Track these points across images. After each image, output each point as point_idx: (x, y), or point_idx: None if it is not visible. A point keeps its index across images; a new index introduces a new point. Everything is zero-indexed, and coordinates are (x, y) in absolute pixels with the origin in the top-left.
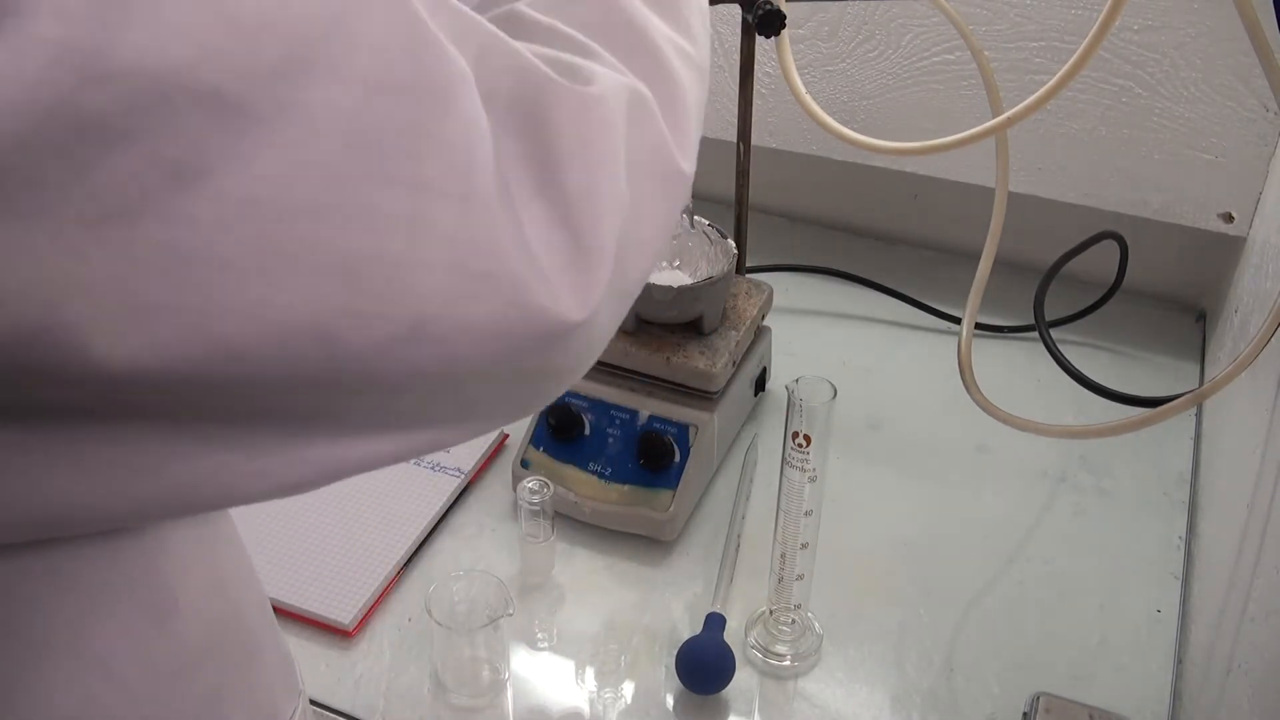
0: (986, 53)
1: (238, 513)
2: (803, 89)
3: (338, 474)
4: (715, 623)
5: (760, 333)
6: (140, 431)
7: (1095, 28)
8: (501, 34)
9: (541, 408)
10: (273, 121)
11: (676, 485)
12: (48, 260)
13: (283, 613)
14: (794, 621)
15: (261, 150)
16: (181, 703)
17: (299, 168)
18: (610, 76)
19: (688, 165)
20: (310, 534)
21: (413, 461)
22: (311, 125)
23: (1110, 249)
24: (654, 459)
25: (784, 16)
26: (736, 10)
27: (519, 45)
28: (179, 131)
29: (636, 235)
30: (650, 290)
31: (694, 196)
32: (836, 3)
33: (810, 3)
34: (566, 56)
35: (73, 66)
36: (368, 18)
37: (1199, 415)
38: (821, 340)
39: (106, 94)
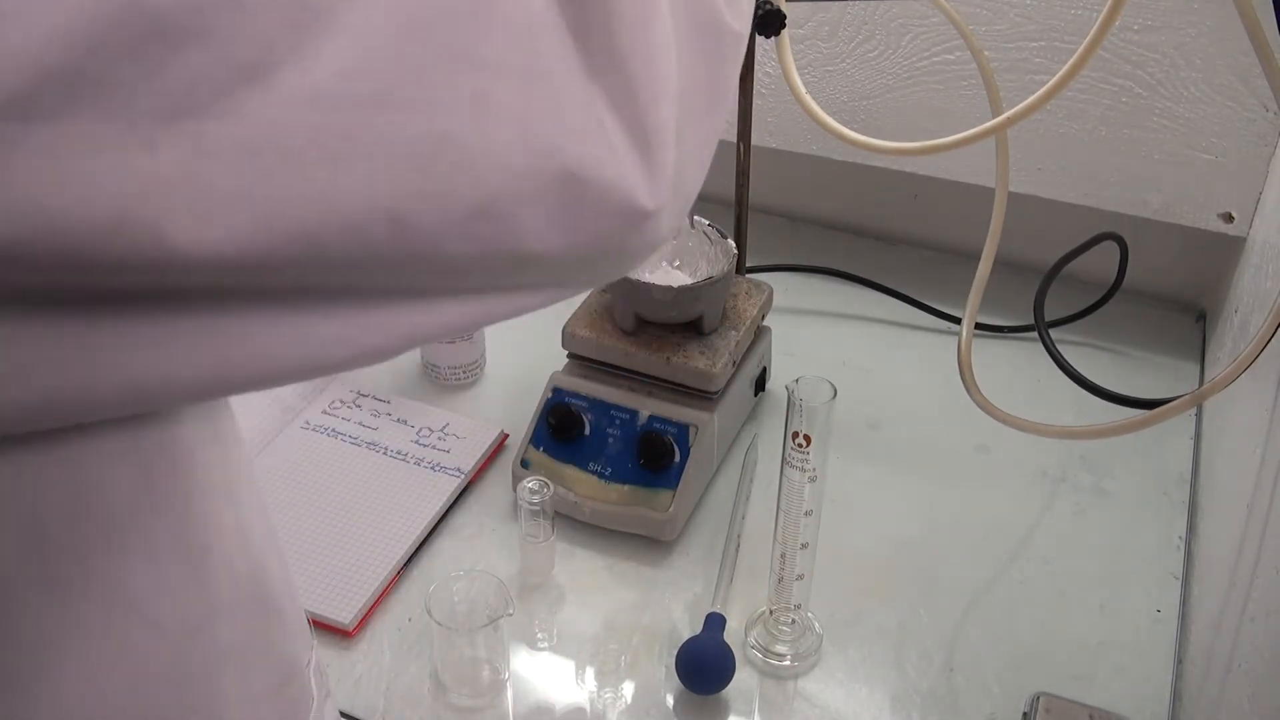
0: (986, 53)
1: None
2: (803, 89)
3: (416, 339)
4: (715, 623)
5: (760, 333)
6: (223, 307)
7: (1095, 28)
8: None
9: (616, 277)
10: (333, 14)
11: (676, 485)
12: (123, 156)
13: None
14: (794, 621)
15: (325, 43)
16: (211, 653)
17: (361, 57)
18: None
19: (740, 25)
20: (310, 533)
21: (413, 461)
22: (370, 15)
23: (1110, 249)
24: (654, 459)
25: (784, 16)
26: None
27: None
28: (245, 29)
29: (693, 105)
30: (650, 290)
31: None
32: (837, 3)
33: (810, 3)
34: None
35: None
36: None
37: (1199, 415)
38: (821, 340)
39: None
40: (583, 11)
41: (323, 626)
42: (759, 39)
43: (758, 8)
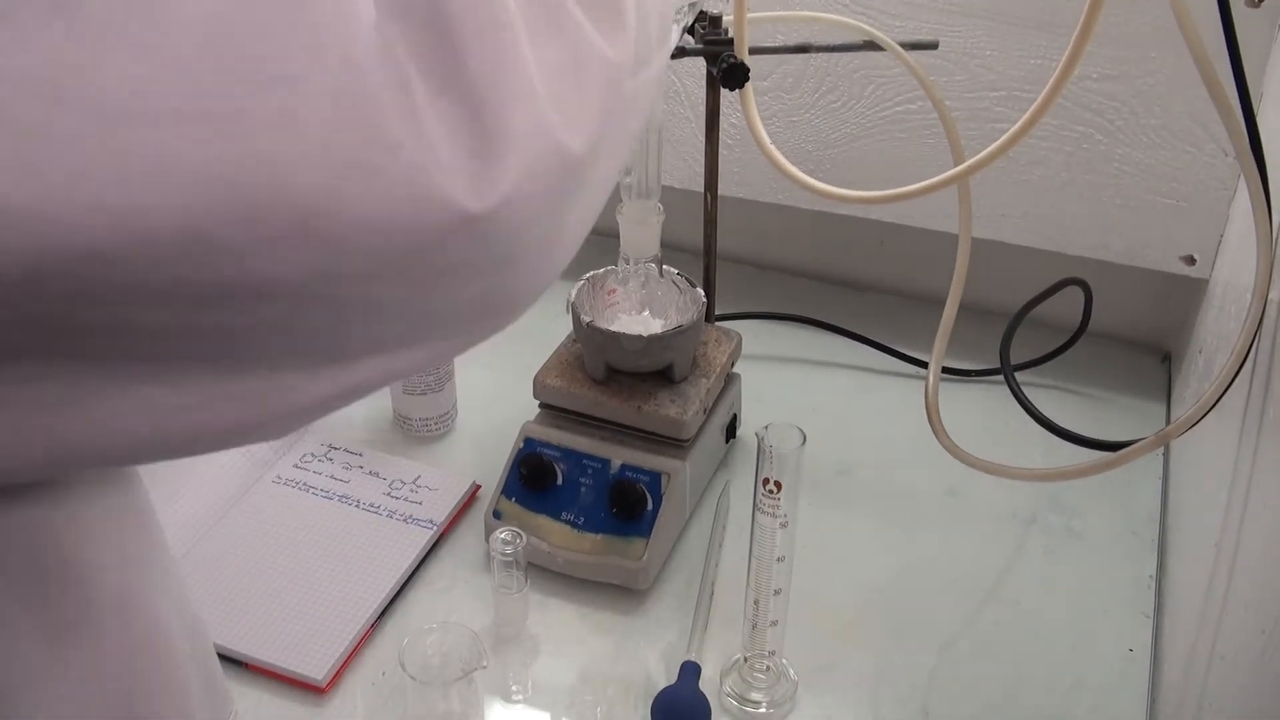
0: (948, 102)
1: (205, 561)
2: (767, 140)
3: (277, 415)
4: (690, 671)
5: (730, 380)
6: (47, 370)
7: (1054, 77)
8: None
9: (502, 325)
10: (122, 28)
11: (649, 534)
12: None
13: (253, 668)
14: (768, 668)
15: (111, 55)
16: None
17: (152, 73)
18: None
19: (618, 51)
20: (281, 588)
21: (385, 514)
22: (165, 30)
23: (1075, 291)
24: (626, 507)
25: (748, 69)
26: (702, 63)
27: None
28: (18, 37)
29: (572, 125)
30: (620, 339)
31: (663, 245)
32: (799, 55)
33: (773, 55)
34: None
35: None
36: None
37: (1166, 455)
38: (791, 386)
39: None
40: (423, 22)
41: (295, 682)
42: (724, 91)
43: (721, 61)
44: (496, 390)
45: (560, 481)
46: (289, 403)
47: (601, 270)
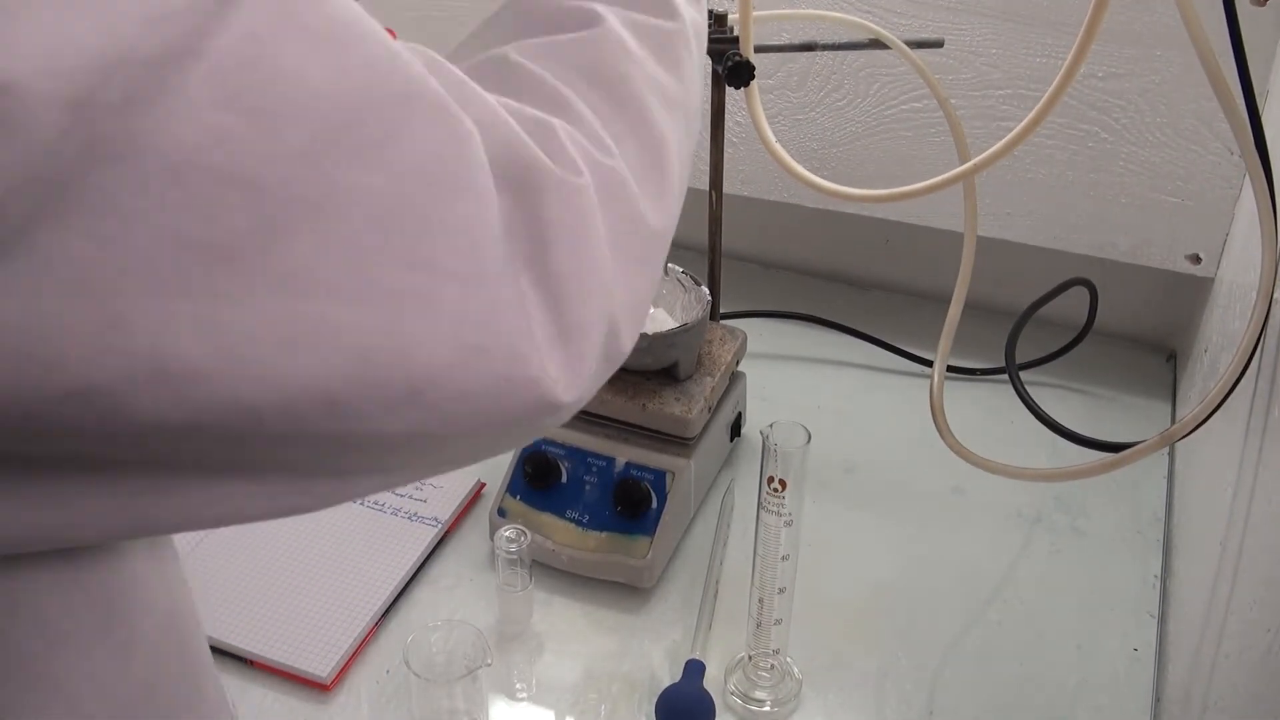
0: (953, 101)
1: (211, 558)
2: (772, 138)
3: (332, 503)
4: (694, 669)
5: (735, 378)
6: (153, 475)
7: (1060, 75)
8: (498, 107)
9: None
10: (298, 196)
11: (654, 532)
12: (89, 329)
13: (259, 665)
14: (773, 667)
15: (289, 227)
16: None
17: (324, 246)
18: (593, 159)
19: (661, 220)
20: (286, 586)
21: (390, 512)
22: (338, 208)
23: (1080, 290)
24: (631, 506)
25: (753, 67)
26: (707, 61)
27: (510, 119)
28: (198, 210)
29: (623, 309)
30: None
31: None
32: (805, 53)
33: (779, 53)
34: (552, 121)
35: (83, 140)
36: (394, 101)
37: (1171, 454)
38: (796, 385)
39: (119, 172)
40: (523, 216)
41: (299, 680)
42: (729, 89)
43: (726, 59)
44: None
45: (565, 479)
46: (344, 494)
47: None
